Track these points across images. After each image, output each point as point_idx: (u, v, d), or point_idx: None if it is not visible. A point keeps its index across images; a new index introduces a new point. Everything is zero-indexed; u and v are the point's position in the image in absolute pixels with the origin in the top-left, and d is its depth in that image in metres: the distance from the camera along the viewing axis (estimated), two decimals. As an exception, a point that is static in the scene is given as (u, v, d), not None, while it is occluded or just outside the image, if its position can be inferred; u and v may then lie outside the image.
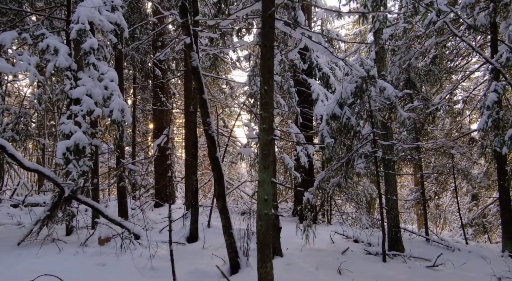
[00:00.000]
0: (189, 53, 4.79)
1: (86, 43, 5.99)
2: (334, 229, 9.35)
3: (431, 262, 6.72)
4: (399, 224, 8.03)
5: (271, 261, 4.02)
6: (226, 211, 4.89)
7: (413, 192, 12.61)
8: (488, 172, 12.24)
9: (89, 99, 5.94)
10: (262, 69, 4.14)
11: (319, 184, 7.51)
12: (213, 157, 4.81)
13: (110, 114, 6.15)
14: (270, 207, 4.08)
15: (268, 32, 4.12)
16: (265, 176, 4.05)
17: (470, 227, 12.48)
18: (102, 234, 5.95)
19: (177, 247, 6.43)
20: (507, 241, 8.49)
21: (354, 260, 6.77)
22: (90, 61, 6.08)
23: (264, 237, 4.01)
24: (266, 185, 4.04)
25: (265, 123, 4.10)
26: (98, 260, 5.21)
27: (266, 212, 4.02)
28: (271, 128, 4.12)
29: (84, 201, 6.37)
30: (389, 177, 8.09)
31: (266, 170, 4.07)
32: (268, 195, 4.07)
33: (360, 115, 7.78)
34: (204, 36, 13.32)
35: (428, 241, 9.03)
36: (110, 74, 6.35)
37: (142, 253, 5.57)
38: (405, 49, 9.80)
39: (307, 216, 7.69)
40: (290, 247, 7.09)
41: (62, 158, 5.54)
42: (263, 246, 4.00)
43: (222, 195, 4.90)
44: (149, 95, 15.35)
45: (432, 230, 15.94)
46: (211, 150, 4.80)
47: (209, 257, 5.60)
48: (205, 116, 4.79)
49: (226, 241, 4.94)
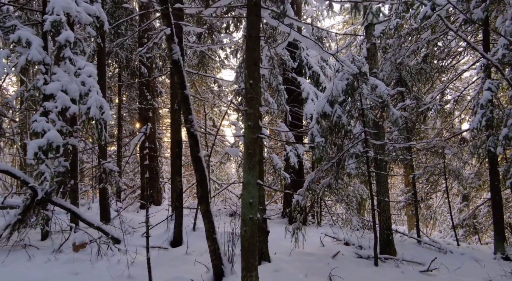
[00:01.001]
0: (170, 45, 4.46)
1: (61, 36, 5.60)
2: (325, 231, 9.08)
3: (424, 266, 6.48)
4: (391, 226, 7.80)
5: (256, 270, 3.71)
6: (210, 214, 4.57)
7: (404, 193, 12.44)
8: (479, 172, 12.13)
9: (64, 96, 5.55)
10: (247, 61, 3.83)
11: (309, 185, 7.23)
12: (195, 157, 4.49)
13: (88, 112, 5.77)
14: (255, 211, 3.77)
15: (253, 21, 3.81)
16: (250, 177, 3.74)
17: (461, 228, 12.36)
18: (76, 240, 5.56)
19: (158, 252, 6.07)
20: (499, 243, 8.34)
21: (345, 264, 6.50)
22: (66, 55, 5.70)
23: (249, 244, 3.70)
24: (251, 187, 3.73)
25: (250, 120, 3.78)
26: (70, 268, 4.83)
27: (251, 217, 3.71)
28: (257, 125, 3.80)
29: (59, 204, 5.97)
30: (380, 177, 7.85)
31: (252, 171, 3.75)
32: (254, 197, 3.76)
33: (351, 113, 7.52)
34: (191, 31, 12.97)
35: (419, 243, 8.83)
36: (88, 69, 5.97)
37: (120, 260, 5.20)
38: (397, 46, 9.59)
39: (296, 219, 7.41)
40: (278, 251, 6.79)
41: (34, 158, 5.15)
42: (247, 254, 3.69)
43: (206, 198, 4.58)
44: (135, 93, 14.92)
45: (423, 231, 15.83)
46: (193, 149, 4.47)
47: (192, 264, 5.26)
48: (187, 113, 4.46)
49: (210, 247, 4.62)
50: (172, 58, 4.44)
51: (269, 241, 7.23)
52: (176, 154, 6.95)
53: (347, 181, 9.54)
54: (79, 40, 6.29)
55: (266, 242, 5.80)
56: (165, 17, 4.38)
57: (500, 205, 8.66)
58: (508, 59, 6.12)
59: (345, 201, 11.27)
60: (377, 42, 8.55)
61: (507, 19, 5.85)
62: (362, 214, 12.43)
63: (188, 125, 4.47)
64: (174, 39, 4.46)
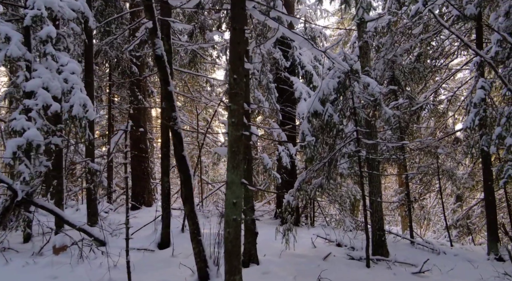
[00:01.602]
0: (153, 40, 4.29)
1: (42, 31, 5.42)
2: (317, 232, 8.92)
3: (417, 268, 6.36)
4: (383, 227, 7.68)
5: (240, 273, 3.54)
6: (194, 215, 4.41)
7: (397, 193, 12.34)
8: (473, 172, 12.06)
9: (45, 93, 5.36)
10: (231, 55, 3.67)
11: (300, 185, 7.09)
12: (179, 156, 4.32)
13: (70, 110, 5.58)
14: (239, 211, 3.61)
15: (238, 13, 3.66)
16: (234, 177, 3.58)
17: (455, 228, 12.29)
18: (57, 242, 5.36)
19: (144, 255, 5.89)
20: (492, 243, 8.25)
21: (336, 266, 6.36)
22: (47, 51, 5.51)
23: (233, 246, 3.54)
24: (235, 187, 3.57)
25: (234, 117, 3.63)
26: (49, 272, 4.64)
27: (235, 218, 3.55)
28: (241, 122, 3.65)
29: (40, 205, 5.77)
30: (373, 177, 7.72)
31: (236, 170, 3.59)
32: (238, 197, 3.60)
33: (343, 112, 7.39)
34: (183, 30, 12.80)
35: (413, 244, 8.72)
36: (71, 66, 5.78)
37: (102, 263, 5.01)
38: (390, 45, 9.49)
39: (287, 220, 7.26)
40: (268, 252, 6.63)
41: (12, 157, 4.96)
42: (231, 256, 3.53)
43: (190, 198, 4.41)
44: (126, 93, 14.70)
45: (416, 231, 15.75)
46: (177, 148, 4.31)
47: (177, 266, 5.09)
48: (170, 110, 4.30)
49: (194, 249, 4.45)
50: (155, 53, 4.28)
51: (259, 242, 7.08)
52: (164, 154, 6.78)
53: (339, 181, 9.44)
54: (63, 36, 6.09)
55: (254, 244, 5.64)
56: (148, 10, 4.22)
57: (493, 205, 8.58)
58: (501, 56, 6.03)
59: (338, 201, 11.16)
60: (370, 41, 8.45)
61: (500, 16, 5.76)
62: (355, 214, 12.30)
63: (171, 123, 4.31)
64: (158, 34, 4.30)
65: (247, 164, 5.68)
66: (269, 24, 4.58)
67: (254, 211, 5.64)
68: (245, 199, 5.74)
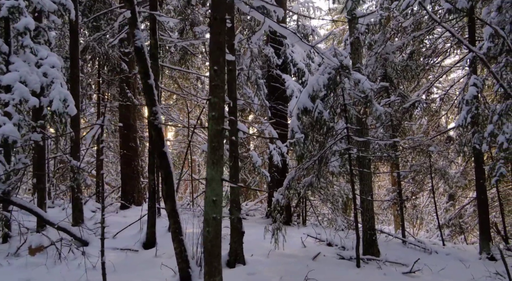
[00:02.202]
0: (133, 31, 4.11)
1: (19, 23, 5.21)
2: (308, 231, 8.76)
3: (408, 268, 6.23)
4: (374, 226, 7.55)
5: (220, 275, 3.38)
6: (176, 214, 4.23)
7: (389, 192, 12.24)
8: (465, 171, 12.00)
9: (22, 87, 5.15)
10: (211, 46, 3.50)
11: (289, 183, 6.93)
12: (160, 152, 4.15)
13: (50, 105, 5.38)
14: (219, 209, 3.44)
15: (218, 3, 3.49)
16: (214, 173, 3.41)
17: (447, 227, 12.23)
18: (33, 242, 5.15)
19: (127, 255, 5.71)
20: (484, 243, 8.17)
21: (326, 266, 6.21)
22: (25, 43, 5.30)
23: (212, 246, 3.37)
24: (215, 184, 3.40)
25: (214, 111, 3.46)
26: (23, 274, 4.44)
27: (214, 216, 3.38)
28: (221, 116, 3.48)
29: (19, 204, 5.55)
30: (364, 175, 7.58)
31: (216, 166, 3.42)
32: (218, 195, 3.43)
33: (333, 109, 7.25)
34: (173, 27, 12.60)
35: (404, 244, 8.60)
36: (50, 60, 5.58)
37: (81, 264, 4.82)
38: (382, 42, 9.37)
39: (276, 218, 7.11)
40: (256, 252, 6.47)
41: (-14, 153, 4.75)
42: (211, 257, 3.36)
43: (171, 196, 4.24)
44: (116, 91, 14.45)
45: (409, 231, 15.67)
46: (157, 144, 4.13)
47: (159, 267, 4.91)
48: (150, 104, 4.12)
49: (175, 249, 4.28)
50: (134, 45, 4.09)
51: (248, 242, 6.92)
52: (151, 151, 6.59)
53: (330, 179, 9.30)
54: (43, 29, 5.88)
55: (241, 243, 5.48)
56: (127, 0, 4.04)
57: (485, 204, 8.50)
58: (494, 52, 5.92)
59: (330, 200, 11.03)
60: (361, 37, 8.32)
61: (492, 11, 5.65)
62: (348, 214, 12.18)
63: (151, 118, 4.13)
64: (137, 25, 4.12)
65: (234, 161, 5.52)
66: (255, 16, 4.43)
67: (240, 209, 5.48)
68: (232, 197, 5.59)
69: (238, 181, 5.58)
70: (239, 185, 3.84)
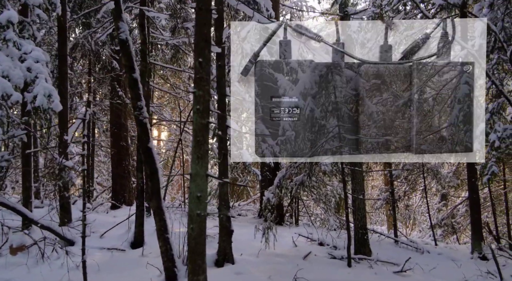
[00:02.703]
0: (117, 23, 4.00)
1: (1, 16, 5.06)
2: (300, 231, 8.66)
3: (399, 267, 6.17)
4: (366, 226, 7.47)
5: (204, 273, 3.27)
6: (161, 212, 4.12)
7: (382, 192, 12.20)
8: (458, 171, 12.01)
9: (5, 82, 5.00)
10: (196, 37, 3.39)
11: (280, 182, 6.85)
12: (145, 147, 4.03)
13: (34, 100, 5.24)
14: (204, 206, 3.33)
15: (204, -8, 3.38)
16: (199, 168, 3.30)
17: (439, 227, 12.22)
18: (14, 242, 5.01)
19: (113, 254, 5.58)
20: (476, 242, 8.12)
21: (316, 266, 6.13)
22: (7, 37, 5.15)
23: (196, 244, 3.26)
24: (200, 179, 3.29)
25: (199, 104, 3.34)
26: (2, 274, 4.30)
27: (199, 212, 3.27)
28: (206, 110, 3.37)
29: (1, 202, 5.40)
30: (356, 174, 7.51)
31: (201, 161, 3.31)
32: (202, 191, 3.32)
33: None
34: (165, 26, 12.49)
35: (397, 243, 8.55)
36: (35, 54, 5.43)
37: (64, 263, 4.69)
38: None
39: (267, 218, 7.02)
40: (246, 252, 6.37)
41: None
42: (194, 255, 3.25)
43: (157, 193, 4.13)
44: (107, 89, 14.28)
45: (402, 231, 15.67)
46: (142, 139, 4.02)
47: (145, 267, 4.79)
48: (135, 99, 4.01)
49: (161, 248, 4.17)
50: (119, 37, 3.98)
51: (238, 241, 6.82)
52: (137, 149, 6.46)
53: (322, 178, 9.22)
54: (28, 23, 5.74)
55: (230, 242, 5.37)
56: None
57: (478, 203, 8.46)
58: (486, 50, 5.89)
59: (322, 200, 10.97)
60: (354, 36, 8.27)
61: (484, 7, 5.63)
62: (341, 214, 12.13)
63: (136, 112, 4.02)
64: (122, 17, 4.01)
65: (223, 158, 5.42)
66: (242, 9, 4.34)
67: (229, 208, 5.37)
68: (221, 195, 5.48)
69: (227, 178, 5.47)
70: (224, 180, 3.73)
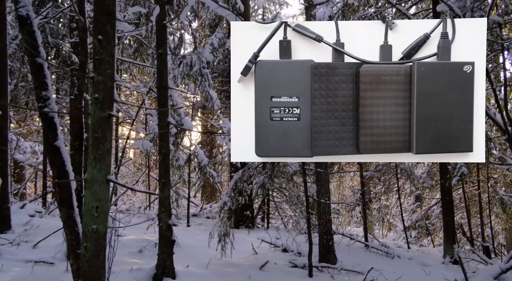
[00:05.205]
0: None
1: None
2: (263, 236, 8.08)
3: (363, 275, 5.68)
4: (331, 231, 6.97)
5: (101, 304, 2.63)
6: (73, 223, 3.48)
7: (355, 193, 11.78)
8: (432, 172, 11.70)
9: None
10: (95, 10, 2.76)
11: (235, 184, 6.27)
12: (51, 146, 3.39)
13: None
14: (104, 219, 2.68)
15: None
16: (96, 172, 2.65)
17: (414, 229, 11.89)
18: None
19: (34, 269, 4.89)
20: (448, 246, 7.76)
21: (273, 276, 5.58)
22: None
23: (90, 267, 2.61)
24: (98, 186, 2.64)
25: (98, 92, 2.70)
26: None
27: (95, 227, 2.63)
28: (108, 99, 2.73)
29: None
30: (320, 176, 7.00)
31: (99, 163, 2.67)
32: (101, 200, 2.67)
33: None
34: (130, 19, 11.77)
35: (367, 248, 8.10)
36: None
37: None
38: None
39: (223, 223, 6.44)
40: (195, 263, 5.75)
41: None
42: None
43: (67, 201, 3.48)
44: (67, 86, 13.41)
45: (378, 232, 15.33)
46: (48, 136, 3.37)
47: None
48: (40, 88, 3.36)
49: (72, 266, 3.52)
50: (17, 14, 3.32)
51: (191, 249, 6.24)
52: (75, 148, 5.76)
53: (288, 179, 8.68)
54: None
55: (170, 254, 4.75)
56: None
57: (450, 205, 8.11)
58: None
59: (293, 201, 10.47)
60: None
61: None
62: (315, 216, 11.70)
63: (40, 104, 3.37)
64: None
65: (163, 158, 4.80)
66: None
67: (171, 215, 4.75)
68: (160, 200, 4.86)
69: (169, 182, 4.85)
70: (124, 185, 3.14)
